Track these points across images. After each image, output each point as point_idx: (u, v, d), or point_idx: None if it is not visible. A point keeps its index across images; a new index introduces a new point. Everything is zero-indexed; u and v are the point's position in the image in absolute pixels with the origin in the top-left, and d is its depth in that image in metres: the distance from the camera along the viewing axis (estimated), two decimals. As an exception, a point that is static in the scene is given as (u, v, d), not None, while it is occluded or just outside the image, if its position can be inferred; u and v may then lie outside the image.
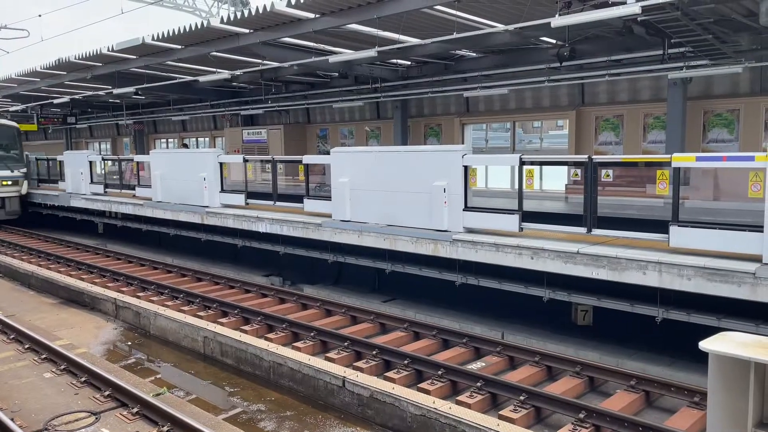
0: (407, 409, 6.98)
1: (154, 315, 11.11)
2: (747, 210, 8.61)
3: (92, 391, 7.63)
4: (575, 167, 10.18)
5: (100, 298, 12.67)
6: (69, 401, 7.35)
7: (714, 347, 4.07)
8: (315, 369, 8.09)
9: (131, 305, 11.78)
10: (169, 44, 16.37)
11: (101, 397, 7.41)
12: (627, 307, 8.70)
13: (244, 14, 13.44)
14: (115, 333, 11.37)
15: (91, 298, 12.92)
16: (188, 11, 29.75)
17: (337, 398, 7.79)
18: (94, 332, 11.33)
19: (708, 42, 11.50)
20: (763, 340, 4.19)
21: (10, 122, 24.56)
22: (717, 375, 4.15)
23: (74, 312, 12.65)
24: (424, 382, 7.79)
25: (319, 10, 12.61)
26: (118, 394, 7.37)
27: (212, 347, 9.81)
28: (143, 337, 11.08)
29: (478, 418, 6.46)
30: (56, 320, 11.93)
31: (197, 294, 12.17)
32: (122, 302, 12.03)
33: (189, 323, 10.34)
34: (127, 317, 11.86)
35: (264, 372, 8.85)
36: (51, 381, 8.05)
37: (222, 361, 9.60)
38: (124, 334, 11.30)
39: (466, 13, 12.31)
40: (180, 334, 10.50)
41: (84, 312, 12.66)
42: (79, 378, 8.00)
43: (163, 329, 10.90)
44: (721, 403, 4.18)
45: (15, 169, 23.08)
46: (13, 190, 22.94)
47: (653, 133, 15.91)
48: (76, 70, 20.66)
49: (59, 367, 8.43)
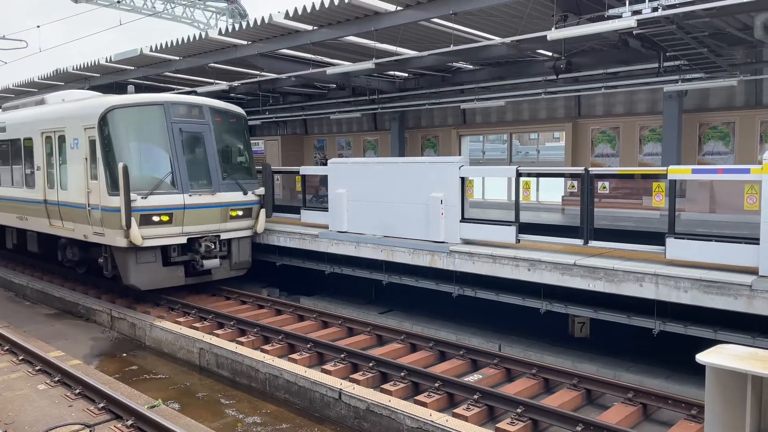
0: (404, 422, 6.95)
1: (150, 326, 11.06)
2: (743, 222, 8.64)
3: (86, 403, 7.56)
4: (572, 179, 10.20)
5: (95, 308, 12.61)
6: (63, 413, 7.29)
7: (711, 360, 4.06)
8: (311, 381, 8.05)
9: (127, 316, 11.72)
10: (167, 55, 16.42)
11: (95, 409, 7.35)
12: (624, 320, 8.69)
13: (242, 26, 13.50)
14: (110, 344, 11.31)
15: (87, 309, 12.86)
16: (186, 23, 29.84)
17: (333, 411, 7.75)
18: (89, 343, 11.26)
19: (703, 55, 11.58)
20: (759, 353, 4.19)
21: (235, 108, 13.63)
22: (714, 388, 4.15)
23: (69, 323, 12.58)
24: (421, 395, 7.75)
25: (317, 23, 12.67)
26: (112, 406, 7.31)
27: (208, 359, 9.75)
28: (138, 349, 11.01)
29: (475, 431, 6.43)
30: (51, 331, 11.87)
31: (193, 305, 12.12)
32: (118, 313, 11.97)
33: (185, 335, 10.29)
34: (123, 328, 11.79)
35: (260, 384, 8.80)
36: (45, 393, 7.98)
37: (218, 372, 9.54)
38: (119, 345, 11.23)
39: (462, 26, 12.37)
40: (175, 345, 10.44)
41: (79, 323, 12.59)
42: (74, 390, 7.94)
43: (159, 341, 10.84)
44: (718, 415, 4.17)
45: (249, 188, 12.98)
46: (245, 227, 12.99)
47: (649, 146, 15.97)
48: (74, 81, 20.68)
49: (53, 379, 8.36)
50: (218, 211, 12.37)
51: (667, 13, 9.15)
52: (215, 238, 12.34)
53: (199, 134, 12.40)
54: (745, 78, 12.94)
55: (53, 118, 13.38)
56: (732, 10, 9.54)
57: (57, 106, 13.89)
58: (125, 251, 11.35)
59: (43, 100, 14.98)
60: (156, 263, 11.77)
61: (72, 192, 12.45)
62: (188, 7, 29.05)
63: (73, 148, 12.31)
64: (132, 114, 11.88)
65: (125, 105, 11.78)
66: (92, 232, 11.92)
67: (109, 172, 11.29)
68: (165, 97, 12.62)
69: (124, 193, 10.80)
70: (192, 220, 11.90)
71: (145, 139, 11.99)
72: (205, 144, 12.36)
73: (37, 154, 13.83)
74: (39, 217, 13.91)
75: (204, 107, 12.65)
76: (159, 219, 11.45)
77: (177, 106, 12.17)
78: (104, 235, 11.55)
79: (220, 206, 12.37)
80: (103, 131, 11.44)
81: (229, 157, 13.20)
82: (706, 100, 15.01)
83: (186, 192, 11.77)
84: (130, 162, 11.15)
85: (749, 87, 14.24)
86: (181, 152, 11.92)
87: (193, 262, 12.16)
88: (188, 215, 11.83)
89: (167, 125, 11.90)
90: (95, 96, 13.58)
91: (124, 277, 11.65)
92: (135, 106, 11.91)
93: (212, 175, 12.36)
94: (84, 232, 12.25)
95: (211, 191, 12.21)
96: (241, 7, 28.95)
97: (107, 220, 11.38)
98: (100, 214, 11.55)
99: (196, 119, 12.43)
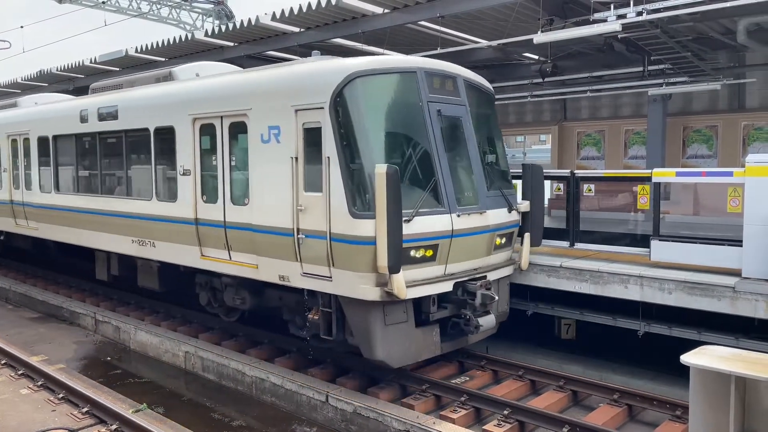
0: (391, 425, 6.94)
1: (135, 329, 10.95)
2: (726, 225, 8.74)
3: (70, 408, 7.47)
4: (558, 182, 10.25)
5: (79, 312, 12.48)
6: (46, 418, 7.19)
7: (695, 361, 4.10)
8: (298, 384, 8.02)
9: (111, 319, 11.60)
10: (152, 56, 16.31)
11: (79, 413, 7.26)
12: (609, 321, 8.76)
13: (229, 27, 13.46)
14: (94, 348, 11.19)
15: (70, 313, 12.71)
16: (173, 24, 29.69)
17: (320, 414, 7.72)
18: (73, 347, 11.13)
19: (687, 59, 11.72)
20: (743, 354, 4.23)
21: (485, 81, 9.39)
22: (698, 388, 4.18)
23: (53, 326, 12.44)
24: (407, 397, 7.74)
25: (304, 24, 12.66)
26: (96, 411, 7.23)
27: (194, 362, 9.68)
28: (123, 352, 10.90)
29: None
30: (34, 335, 11.72)
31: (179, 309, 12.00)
32: (102, 316, 11.85)
33: (170, 337, 10.21)
34: (107, 332, 11.67)
35: (246, 387, 8.75)
36: (28, 397, 7.87)
37: (203, 376, 9.47)
38: (103, 349, 11.11)
39: (449, 28, 12.42)
40: (161, 348, 10.35)
41: (63, 326, 12.45)
42: (57, 394, 7.84)
43: (144, 344, 10.74)
44: (702, 416, 4.21)
45: (513, 202, 8.75)
46: (506, 261, 8.84)
47: (634, 149, 16.14)
48: (58, 82, 20.49)
49: (36, 383, 8.25)
50: (486, 238, 8.05)
51: (651, 17, 9.26)
52: (482, 279, 8.01)
53: (458, 121, 8.11)
54: (729, 82, 13.12)
55: (221, 96, 8.85)
56: (715, 14, 9.67)
57: (213, 80, 9.38)
58: (367, 307, 7.18)
59: (170, 74, 10.66)
60: (407, 323, 7.54)
61: (258, 209, 8.16)
62: (174, 9, 28.90)
63: (266, 142, 8.02)
64: (382, 86, 7.61)
65: (374, 71, 7.48)
66: (300, 272, 7.69)
67: (351, 180, 7.10)
68: (413, 60, 8.11)
69: (391, 216, 6.66)
70: (458, 253, 7.68)
71: (397, 127, 7.71)
72: (465, 136, 8.12)
73: (184, 150, 9.38)
74: (182, 243, 9.51)
75: (458, 78, 8.37)
76: (421, 254, 7.35)
77: (432, 75, 7.94)
78: (331, 279, 7.35)
79: (488, 231, 8.05)
80: (340, 114, 7.23)
81: (488, 156, 8.74)
82: (690, 104, 15.20)
83: (453, 211, 7.55)
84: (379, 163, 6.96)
85: (732, 91, 14.43)
86: (443, 149, 7.70)
87: (456, 320, 7.93)
88: (455, 246, 7.60)
89: (424, 106, 7.67)
90: (299, 61, 8.56)
91: (367, 348, 7.35)
92: (386, 74, 7.64)
93: (477, 183, 8.06)
94: (281, 271, 7.95)
95: (478, 209, 7.90)
96: (227, 9, 28.85)
97: (342, 256, 7.16)
98: (324, 246, 7.30)
99: (451, 97, 8.11)
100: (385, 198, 6.61)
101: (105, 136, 11.29)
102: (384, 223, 6.67)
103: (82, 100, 12.17)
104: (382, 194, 6.62)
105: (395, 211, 6.70)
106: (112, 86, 11.99)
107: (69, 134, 12.21)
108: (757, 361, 4.00)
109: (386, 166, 6.63)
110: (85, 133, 11.76)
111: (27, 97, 15.45)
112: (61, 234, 12.67)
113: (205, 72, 10.44)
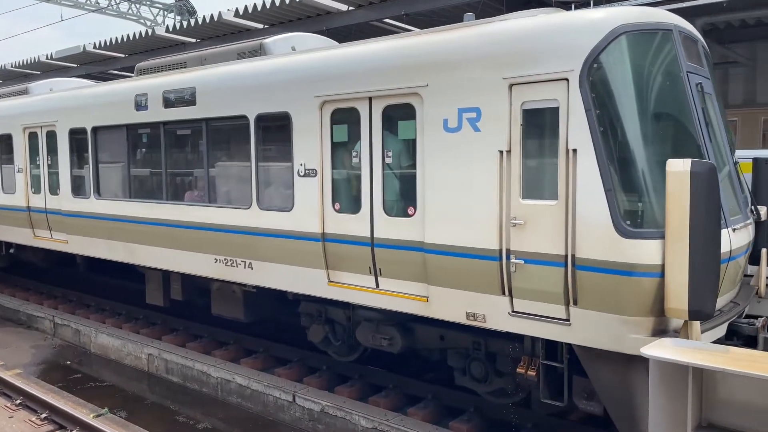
0: (359, 423, 6.94)
1: (95, 332, 10.70)
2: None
3: (28, 414, 7.28)
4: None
5: (36, 315, 12.13)
6: (3, 425, 6.99)
7: (654, 353, 4.20)
8: (265, 384, 7.95)
9: (70, 322, 11.31)
10: (112, 53, 15.97)
11: (38, 419, 7.08)
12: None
13: (191, 23, 13.23)
14: (53, 352, 10.89)
15: (28, 316, 12.36)
16: (132, 20, 29.08)
17: (288, 414, 7.68)
18: (31, 351, 10.83)
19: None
20: (703, 346, 4.35)
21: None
22: (657, 380, 4.29)
23: (9, 331, 12.07)
24: (375, 395, 7.73)
25: (268, 21, 12.54)
26: (55, 416, 7.07)
27: (157, 365, 9.51)
28: (83, 356, 10.64)
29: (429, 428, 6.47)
30: (-11, 340, 11.37)
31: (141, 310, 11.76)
32: (60, 319, 11.54)
33: (132, 340, 10.02)
34: (66, 335, 11.38)
35: (212, 389, 8.64)
36: (-18, 404, 7.64)
37: (167, 378, 9.32)
38: (62, 353, 10.83)
39: (415, 26, 12.46)
40: (123, 351, 10.14)
41: (20, 330, 12.09)
42: (14, 400, 7.64)
43: (105, 347, 10.50)
44: (661, 406, 4.31)
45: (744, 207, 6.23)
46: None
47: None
48: (12, 78, 19.87)
49: (-8, 390, 8.02)
50: (744, 260, 6.20)
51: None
52: (756, 317, 6.14)
53: (711, 100, 6.18)
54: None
55: (368, 70, 6.53)
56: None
57: (349, 49, 6.89)
58: (627, 365, 5.21)
59: (261, 47, 8.25)
60: None
61: (433, 222, 6.04)
62: (134, 4, 28.31)
63: (453, 131, 5.91)
64: (647, 48, 5.49)
65: (643, 27, 5.42)
66: (508, 310, 5.68)
67: (620, 182, 5.09)
68: (662, 13, 5.82)
69: (699, 235, 4.73)
70: (726, 282, 5.64)
71: (665, 106, 5.61)
72: (716, 121, 6.20)
73: (305, 143, 7.08)
74: (297, 265, 7.27)
75: (699, 42, 6.32)
76: None
77: (686, 37, 5.90)
78: (569, 322, 5.34)
79: (747, 250, 6.21)
80: (598, 87, 5.17)
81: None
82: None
83: (729, 225, 5.59)
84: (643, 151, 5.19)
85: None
86: (708, 138, 5.72)
87: None
88: (729, 272, 5.66)
89: (685, 78, 5.64)
90: (514, 15, 6.16)
91: (626, 425, 5.35)
92: (652, 32, 5.51)
93: (735, 186, 6.19)
94: (471, 308, 5.91)
95: (743, 220, 6.00)
96: (189, 5, 28.40)
97: (595, 292, 5.15)
98: (560, 277, 5.33)
99: (698, 66, 6.06)
100: (688, 209, 4.68)
101: (174, 127, 8.75)
102: (685, 245, 4.71)
103: (136, 82, 9.38)
104: (683, 203, 4.69)
105: (709, 229, 4.70)
106: (174, 63, 9.35)
107: (118, 125, 9.53)
108: (715, 352, 4.12)
109: (692, 162, 4.66)
110: (142, 123, 9.16)
111: (41, 83, 12.88)
112: (103, 249, 10.10)
113: (302, 45, 8.32)
